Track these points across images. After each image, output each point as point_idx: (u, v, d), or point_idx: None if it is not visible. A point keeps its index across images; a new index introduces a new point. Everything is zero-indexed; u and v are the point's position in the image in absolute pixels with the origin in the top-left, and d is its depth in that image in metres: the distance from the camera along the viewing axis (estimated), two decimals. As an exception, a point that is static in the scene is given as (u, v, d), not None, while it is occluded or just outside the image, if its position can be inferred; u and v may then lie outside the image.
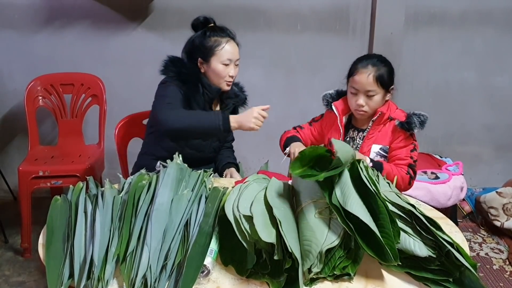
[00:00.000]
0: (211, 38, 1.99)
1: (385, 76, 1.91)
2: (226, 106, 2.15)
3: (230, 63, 2.00)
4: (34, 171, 2.60)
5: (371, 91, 1.91)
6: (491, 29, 3.26)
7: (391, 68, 1.96)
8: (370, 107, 1.94)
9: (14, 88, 3.14)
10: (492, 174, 3.54)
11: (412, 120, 1.91)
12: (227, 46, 1.98)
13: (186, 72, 1.99)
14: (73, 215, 1.40)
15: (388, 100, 2.00)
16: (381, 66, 1.92)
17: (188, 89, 1.98)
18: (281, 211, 1.31)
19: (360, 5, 3.17)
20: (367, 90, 1.91)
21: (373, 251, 1.18)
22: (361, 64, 1.93)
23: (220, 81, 2.02)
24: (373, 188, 1.30)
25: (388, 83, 1.94)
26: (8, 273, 2.55)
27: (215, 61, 1.98)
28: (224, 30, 2.02)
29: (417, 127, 1.91)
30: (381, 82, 1.90)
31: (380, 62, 1.93)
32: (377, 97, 1.93)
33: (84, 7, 3.05)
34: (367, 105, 1.93)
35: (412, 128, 1.91)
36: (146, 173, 1.58)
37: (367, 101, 1.93)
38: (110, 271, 1.21)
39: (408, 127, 1.91)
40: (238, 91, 2.18)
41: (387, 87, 1.94)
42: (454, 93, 3.39)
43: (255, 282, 1.23)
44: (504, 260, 2.75)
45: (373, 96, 1.92)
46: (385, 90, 1.94)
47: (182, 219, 1.34)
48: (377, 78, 1.89)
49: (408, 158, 1.93)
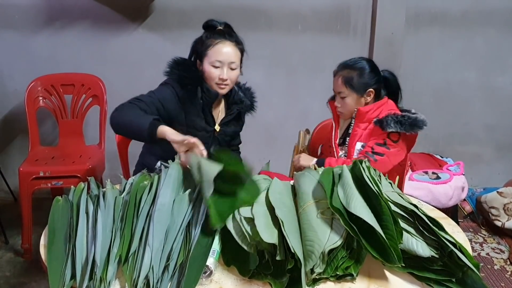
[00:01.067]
0: (207, 39, 1.95)
1: (354, 79, 1.99)
2: (231, 111, 2.13)
3: (222, 66, 1.93)
4: (35, 172, 2.59)
5: (341, 92, 2.03)
6: (492, 29, 3.26)
7: (363, 72, 2.00)
8: (344, 108, 2.06)
9: (15, 88, 3.14)
10: (493, 174, 3.54)
11: (385, 119, 1.94)
12: (218, 47, 1.92)
13: (186, 76, 1.97)
14: (75, 215, 1.39)
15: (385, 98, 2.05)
16: (351, 70, 2.00)
17: (185, 92, 1.96)
18: (283, 211, 1.30)
19: (361, 5, 3.16)
20: (338, 92, 2.04)
21: (376, 252, 1.18)
22: (337, 69, 2.07)
23: (211, 83, 1.96)
24: (376, 189, 1.30)
25: (359, 87, 2.00)
26: (9, 274, 2.55)
27: (206, 63, 1.95)
28: (223, 33, 1.95)
29: (392, 127, 1.92)
30: (349, 85, 2.00)
31: (351, 66, 2.01)
32: (348, 99, 2.03)
33: (85, 7, 3.05)
34: (342, 106, 2.06)
35: (384, 127, 1.94)
36: (147, 173, 1.58)
37: (341, 102, 2.06)
38: (112, 272, 1.21)
39: (380, 125, 1.95)
40: (244, 97, 2.14)
41: (357, 90, 2.00)
42: (455, 93, 3.39)
43: (258, 282, 1.23)
44: (505, 260, 2.74)
45: (344, 98, 2.03)
46: (356, 93, 2.01)
47: (184, 219, 1.34)
48: (345, 81, 2.00)
49: (368, 148, 1.97)
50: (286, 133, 2.76)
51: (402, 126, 1.92)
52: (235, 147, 2.30)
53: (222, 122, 2.11)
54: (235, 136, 2.24)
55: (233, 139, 2.24)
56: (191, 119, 2.01)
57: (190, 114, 2.01)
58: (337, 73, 2.05)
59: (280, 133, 3.31)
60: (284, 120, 3.31)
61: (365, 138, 2.03)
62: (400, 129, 1.92)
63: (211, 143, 2.10)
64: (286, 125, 3.23)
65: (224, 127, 2.12)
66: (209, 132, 2.07)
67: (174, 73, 1.98)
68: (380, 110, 2.01)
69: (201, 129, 2.04)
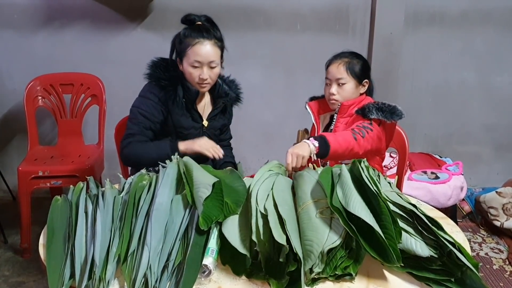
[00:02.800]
0: (185, 38, 1.93)
1: (356, 67, 2.01)
2: (217, 105, 2.14)
3: (201, 65, 1.93)
4: (34, 171, 2.59)
5: (341, 79, 2.01)
6: (491, 29, 3.27)
7: (364, 62, 2.05)
8: (341, 96, 2.03)
9: (14, 88, 3.14)
10: (491, 174, 3.55)
11: (367, 106, 1.95)
12: (196, 47, 1.90)
13: (164, 77, 1.98)
14: (74, 215, 1.39)
15: (364, 94, 2.07)
16: (354, 58, 2.03)
17: (166, 94, 1.97)
18: (285, 210, 1.30)
19: (360, 5, 3.17)
20: (337, 78, 2.01)
21: (375, 251, 1.18)
22: (335, 57, 2.07)
23: (193, 83, 1.97)
24: (374, 188, 1.30)
25: (360, 75, 2.02)
26: (8, 273, 2.55)
27: (185, 63, 1.94)
28: (201, 30, 1.92)
29: (374, 113, 1.92)
30: (351, 72, 2.00)
31: (353, 55, 2.05)
32: (348, 86, 2.02)
33: (84, 7, 3.05)
34: (338, 93, 2.03)
35: (365, 114, 1.94)
36: (146, 173, 1.58)
37: (339, 90, 2.03)
38: (111, 271, 1.21)
39: (362, 112, 1.95)
40: (229, 89, 2.13)
41: (358, 77, 2.02)
42: (454, 93, 3.40)
43: (257, 282, 1.23)
44: (504, 260, 2.75)
45: (344, 84, 2.01)
46: (356, 81, 2.02)
47: (183, 219, 1.34)
48: (348, 67, 2.00)
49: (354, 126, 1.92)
50: (284, 132, 2.76)
51: (383, 113, 1.92)
52: (225, 142, 2.31)
53: (209, 117, 2.12)
54: (224, 129, 2.25)
55: (222, 132, 2.25)
56: (177, 119, 2.03)
57: (175, 114, 2.02)
58: (335, 60, 2.04)
59: (279, 132, 3.31)
60: (283, 120, 3.32)
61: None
62: (381, 116, 1.91)
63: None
64: (284, 124, 3.23)
65: (212, 121, 2.13)
66: (198, 129, 2.09)
67: (153, 76, 2.00)
68: (361, 104, 2.01)
69: (189, 127, 2.06)
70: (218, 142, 2.26)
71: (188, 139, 2.06)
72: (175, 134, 2.06)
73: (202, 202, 1.31)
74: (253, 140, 3.29)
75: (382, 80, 2.94)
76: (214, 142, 2.17)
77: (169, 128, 2.05)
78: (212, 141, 2.11)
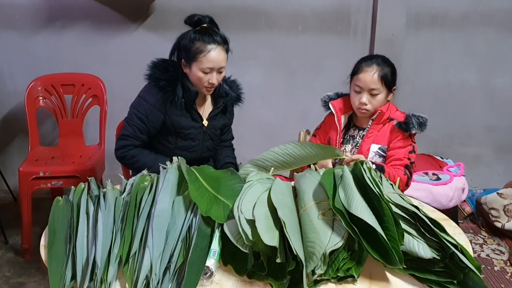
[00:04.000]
0: (195, 42, 1.92)
1: (388, 75, 1.95)
2: (217, 105, 2.14)
3: (212, 71, 1.95)
4: (35, 172, 2.59)
5: (375, 89, 1.94)
6: (492, 30, 3.26)
7: (394, 69, 2.00)
8: (373, 106, 1.97)
9: (15, 88, 3.14)
10: (493, 175, 3.54)
11: (410, 120, 1.93)
12: (210, 54, 1.91)
13: (164, 78, 1.98)
14: (75, 216, 1.39)
15: (389, 101, 2.03)
16: (385, 66, 1.96)
17: (164, 94, 1.98)
18: (285, 212, 1.30)
19: (361, 6, 3.16)
20: (371, 88, 1.94)
21: (378, 253, 1.18)
22: (366, 63, 1.97)
23: (200, 86, 1.99)
24: (377, 190, 1.30)
25: (391, 83, 1.98)
26: (8, 274, 2.54)
27: (195, 67, 1.94)
28: (211, 35, 1.93)
29: (416, 128, 1.92)
30: (385, 81, 1.94)
31: (384, 62, 1.98)
32: (380, 96, 1.96)
33: (85, 7, 3.04)
34: (370, 103, 1.96)
35: (410, 129, 1.93)
36: (147, 174, 1.58)
37: (371, 100, 1.96)
38: (113, 273, 1.21)
39: (406, 127, 1.93)
40: (229, 89, 2.13)
41: (390, 87, 1.98)
42: (455, 94, 3.39)
43: (258, 283, 1.23)
44: (505, 261, 2.74)
45: (377, 95, 1.95)
46: (388, 90, 1.98)
47: (185, 221, 1.33)
48: (382, 77, 1.93)
49: (405, 159, 1.95)
50: (286, 133, 2.75)
51: (421, 128, 1.93)
52: (227, 143, 2.31)
53: (210, 117, 2.12)
54: (225, 129, 2.25)
55: (223, 133, 2.25)
56: (176, 120, 2.04)
57: (174, 115, 2.03)
58: (368, 68, 1.94)
59: (280, 133, 3.30)
60: (284, 121, 3.31)
61: (380, 139, 2.00)
62: (420, 130, 1.93)
63: (202, 139, 2.12)
64: (286, 125, 3.22)
65: (212, 121, 2.13)
66: (198, 129, 2.09)
67: (152, 76, 2.01)
68: (390, 110, 2.00)
69: (189, 127, 2.06)
70: (220, 142, 2.26)
71: (188, 139, 2.07)
72: (175, 134, 2.07)
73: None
74: (255, 141, 3.28)
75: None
76: (214, 142, 2.18)
77: (169, 128, 2.05)
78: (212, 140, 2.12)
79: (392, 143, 1.98)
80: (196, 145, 2.12)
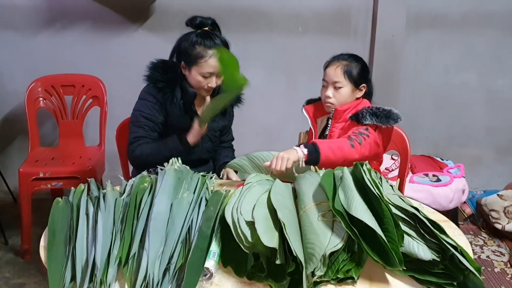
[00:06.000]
0: (196, 46, 1.92)
1: (354, 71, 1.97)
2: None
3: (211, 75, 1.95)
4: (35, 173, 2.59)
5: (338, 82, 1.97)
6: (492, 31, 3.26)
7: (363, 66, 2.02)
8: (337, 100, 2.00)
9: (15, 89, 3.14)
10: (493, 176, 3.54)
11: (361, 111, 1.92)
12: (211, 60, 1.91)
13: (162, 79, 1.98)
14: (75, 217, 1.39)
15: (358, 99, 2.03)
16: (352, 61, 2.00)
17: (163, 96, 1.99)
18: (285, 214, 1.30)
19: (362, 7, 3.17)
20: (334, 81, 1.98)
21: (377, 255, 1.18)
22: (333, 59, 2.03)
23: (199, 89, 2.00)
24: (377, 192, 1.30)
25: (358, 78, 1.99)
26: (8, 275, 2.54)
27: (195, 71, 1.95)
28: (213, 39, 1.93)
29: (368, 119, 1.90)
30: (349, 76, 1.97)
31: (351, 58, 2.01)
32: (344, 90, 1.98)
33: (85, 8, 3.05)
34: (334, 97, 2.00)
35: (359, 120, 1.91)
36: (147, 175, 1.57)
37: (334, 93, 1.99)
38: (112, 274, 1.20)
39: (356, 118, 1.93)
40: None
41: (355, 82, 1.99)
42: (455, 96, 3.39)
43: (258, 285, 1.22)
44: (505, 263, 2.74)
45: (340, 88, 1.98)
46: (353, 85, 1.99)
47: (184, 222, 1.33)
48: (346, 71, 1.97)
49: (350, 133, 1.89)
50: (286, 134, 2.76)
51: (378, 118, 1.90)
52: (227, 144, 2.31)
53: None
54: (225, 130, 2.25)
55: (223, 134, 2.25)
56: (175, 121, 2.04)
57: (173, 116, 2.03)
58: (333, 62, 2.00)
59: (280, 134, 3.31)
60: (284, 122, 3.31)
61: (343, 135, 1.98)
62: (376, 121, 1.89)
63: (201, 140, 2.11)
64: (286, 126, 3.22)
65: (212, 122, 2.13)
66: None
67: (151, 78, 2.01)
68: (357, 109, 1.99)
69: (188, 129, 2.05)
70: (220, 143, 2.26)
71: None
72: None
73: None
74: (255, 142, 3.27)
75: (383, 82, 2.94)
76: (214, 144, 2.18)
77: (168, 129, 2.05)
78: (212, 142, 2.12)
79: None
80: (196, 147, 2.12)
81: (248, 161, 1.82)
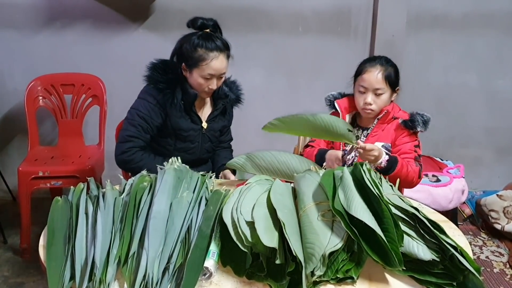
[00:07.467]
0: (198, 49, 1.92)
1: (392, 75, 1.97)
2: (217, 107, 2.14)
3: (212, 78, 1.96)
4: (34, 172, 2.59)
5: (379, 89, 1.95)
6: (493, 32, 3.26)
7: (397, 69, 2.02)
8: (377, 106, 1.98)
9: (15, 88, 3.14)
10: (492, 177, 3.54)
11: (415, 118, 1.95)
12: (213, 62, 1.92)
13: (162, 80, 1.98)
14: (74, 216, 1.39)
15: (392, 101, 2.05)
16: (389, 66, 1.99)
17: (164, 96, 1.98)
18: (284, 213, 1.30)
19: (362, 7, 3.16)
20: (375, 88, 1.95)
21: (377, 255, 1.18)
22: (370, 64, 1.99)
23: (199, 91, 2.00)
24: (376, 191, 1.30)
25: (395, 82, 2.00)
26: (7, 274, 2.54)
27: (196, 73, 1.95)
28: (214, 41, 1.93)
29: (421, 125, 1.95)
30: (389, 81, 1.96)
31: (387, 62, 2.00)
32: (385, 95, 1.97)
33: (85, 7, 3.04)
34: (375, 103, 1.97)
35: (415, 127, 1.95)
36: (147, 174, 1.57)
37: (375, 100, 1.97)
38: (111, 273, 1.20)
39: (411, 125, 1.95)
40: (229, 90, 2.13)
41: (394, 86, 2.00)
42: (456, 96, 3.39)
43: (258, 284, 1.22)
44: (504, 263, 2.74)
45: (381, 94, 1.97)
46: (391, 90, 2.00)
47: (184, 221, 1.33)
48: (386, 76, 1.95)
49: (412, 152, 1.96)
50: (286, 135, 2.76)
51: (425, 126, 1.95)
52: (226, 144, 2.31)
53: (209, 119, 2.13)
54: (224, 131, 2.25)
55: (222, 134, 2.26)
56: (175, 122, 2.04)
57: (174, 117, 2.03)
58: (371, 68, 1.95)
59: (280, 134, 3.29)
60: (284, 122, 3.31)
61: (384, 138, 2.00)
62: (424, 128, 1.95)
63: (201, 141, 2.12)
64: (286, 126, 3.22)
65: (212, 123, 2.14)
66: (197, 131, 2.10)
67: (151, 78, 2.01)
68: (394, 110, 2.02)
69: (189, 129, 2.06)
70: (218, 143, 2.26)
71: (187, 141, 2.07)
72: (174, 136, 2.06)
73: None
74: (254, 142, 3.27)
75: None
76: (214, 144, 2.18)
77: (168, 130, 2.05)
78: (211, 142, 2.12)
79: (398, 140, 1.99)
80: (195, 147, 2.12)
81: (248, 160, 1.82)
